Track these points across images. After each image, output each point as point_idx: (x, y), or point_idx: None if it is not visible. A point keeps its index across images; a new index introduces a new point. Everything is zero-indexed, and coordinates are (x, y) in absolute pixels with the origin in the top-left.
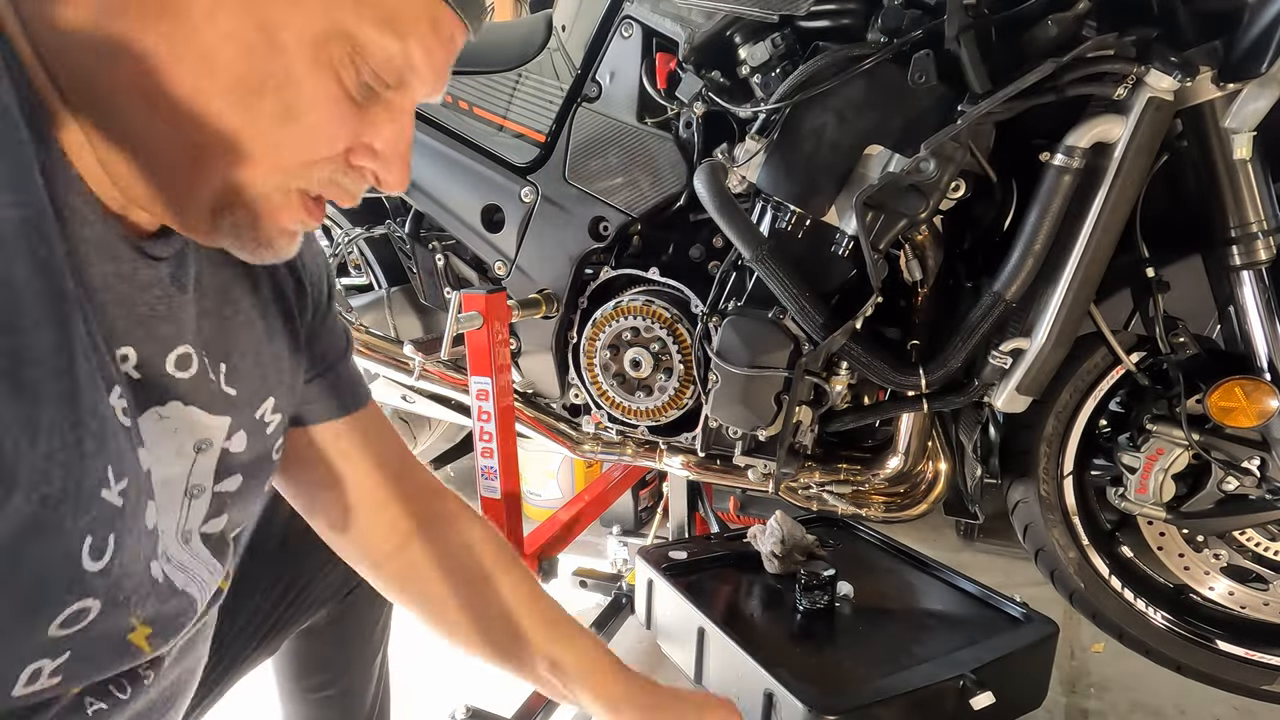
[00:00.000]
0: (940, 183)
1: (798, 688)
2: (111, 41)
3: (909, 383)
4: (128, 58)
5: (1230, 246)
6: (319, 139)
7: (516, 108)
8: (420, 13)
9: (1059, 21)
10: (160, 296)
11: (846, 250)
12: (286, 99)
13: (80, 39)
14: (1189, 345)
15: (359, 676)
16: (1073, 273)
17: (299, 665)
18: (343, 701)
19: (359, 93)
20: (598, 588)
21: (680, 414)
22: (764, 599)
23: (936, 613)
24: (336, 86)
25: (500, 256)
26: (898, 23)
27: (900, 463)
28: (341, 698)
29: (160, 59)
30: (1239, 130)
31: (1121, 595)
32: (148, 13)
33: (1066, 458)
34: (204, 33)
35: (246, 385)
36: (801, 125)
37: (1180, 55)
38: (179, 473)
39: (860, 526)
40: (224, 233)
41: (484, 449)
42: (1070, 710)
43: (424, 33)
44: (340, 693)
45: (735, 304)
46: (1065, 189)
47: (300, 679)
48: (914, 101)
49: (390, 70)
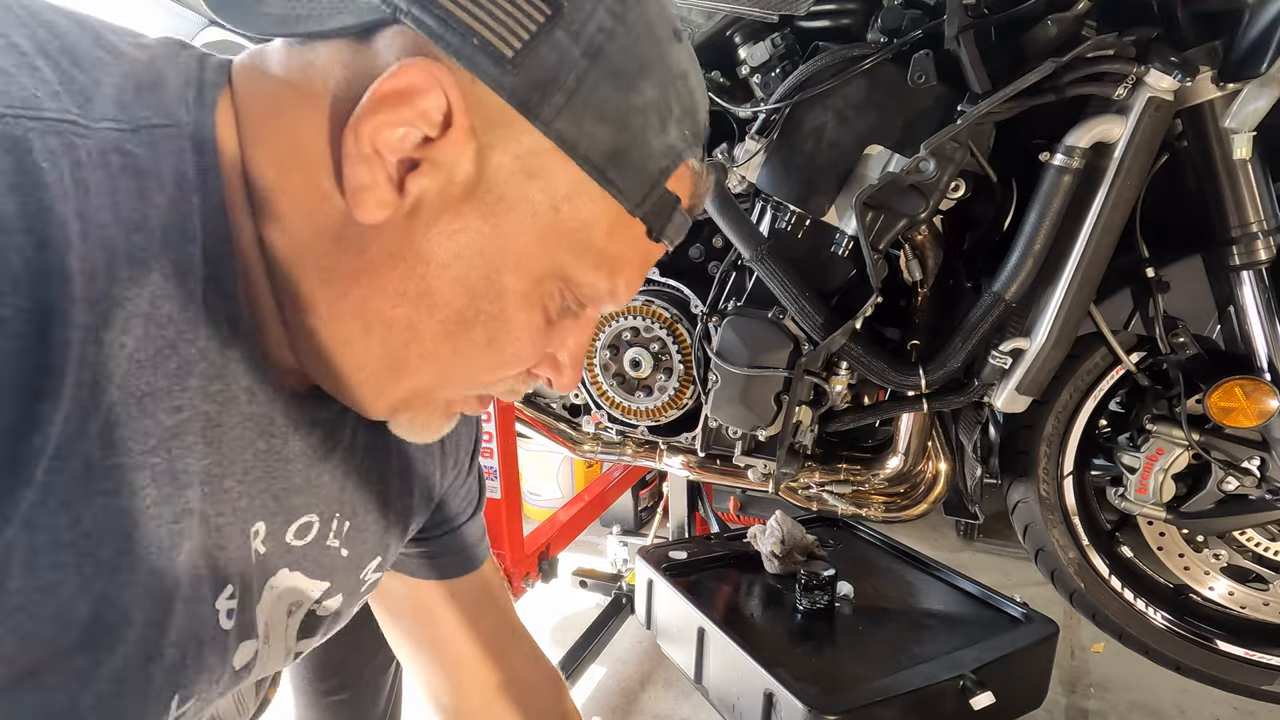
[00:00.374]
0: (940, 183)
1: (798, 688)
2: (342, 273)
3: (909, 383)
4: (351, 291)
5: (1230, 246)
6: (514, 362)
7: None
8: (636, 253)
9: (1059, 21)
10: (302, 469)
11: (846, 250)
12: (494, 331)
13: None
14: (1189, 345)
15: (373, 682)
16: (1073, 273)
17: (314, 669)
18: (356, 705)
19: (557, 315)
20: (598, 588)
21: (680, 414)
22: (764, 599)
23: (936, 613)
24: (541, 317)
25: None
26: (898, 23)
27: (900, 463)
28: (355, 702)
29: (383, 294)
30: (1239, 130)
31: (1121, 595)
32: (384, 254)
33: (1066, 458)
34: (435, 277)
35: (361, 545)
36: (801, 125)
37: (1180, 55)
38: (280, 641)
39: (860, 526)
40: (396, 422)
41: (484, 449)
42: (1070, 710)
43: (635, 268)
44: (354, 697)
45: (735, 304)
46: (1065, 189)
47: (316, 682)
48: (914, 101)
49: (593, 298)
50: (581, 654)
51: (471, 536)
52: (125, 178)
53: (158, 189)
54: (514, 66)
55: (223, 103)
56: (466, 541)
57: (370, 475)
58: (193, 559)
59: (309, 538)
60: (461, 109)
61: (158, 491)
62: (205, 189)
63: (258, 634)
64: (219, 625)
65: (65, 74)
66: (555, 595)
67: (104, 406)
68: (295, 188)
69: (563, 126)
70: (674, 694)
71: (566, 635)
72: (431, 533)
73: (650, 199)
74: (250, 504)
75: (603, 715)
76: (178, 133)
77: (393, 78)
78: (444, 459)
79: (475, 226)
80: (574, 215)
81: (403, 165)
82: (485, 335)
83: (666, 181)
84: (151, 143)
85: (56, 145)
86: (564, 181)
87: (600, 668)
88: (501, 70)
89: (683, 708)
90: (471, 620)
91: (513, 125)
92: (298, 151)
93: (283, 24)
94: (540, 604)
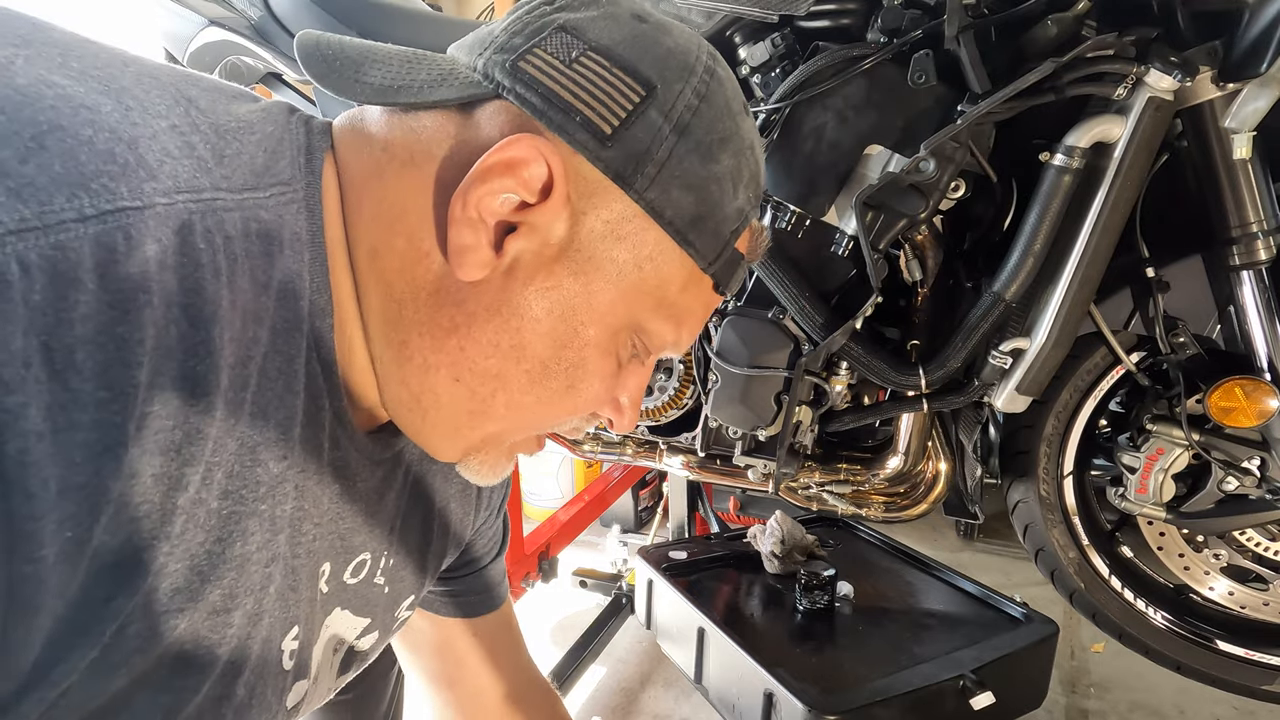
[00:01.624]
0: (940, 183)
1: (798, 688)
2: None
3: (909, 383)
4: (451, 340)
5: (1230, 246)
6: (586, 407)
7: None
8: (701, 305)
9: (1059, 21)
10: (363, 508)
11: (846, 250)
12: (572, 378)
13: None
14: (1189, 345)
15: (374, 683)
16: (1073, 273)
17: None
18: (359, 706)
19: (625, 361)
20: (598, 588)
21: (680, 414)
22: (764, 599)
23: (936, 613)
24: (614, 364)
25: None
26: (898, 23)
27: (900, 463)
28: (356, 703)
29: (478, 346)
30: (1239, 130)
31: (1121, 595)
32: (481, 309)
33: (1066, 458)
34: (529, 330)
35: (400, 583)
36: (801, 125)
37: (1180, 55)
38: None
39: (860, 526)
40: (468, 466)
41: None
42: (1070, 710)
43: (697, 320)
44: (358, 698)
45: (735, 304)
46: (1065, 189)
47: None
48: (914, 101)
49: (660, 347)
50: (581, 654)
51: (495, 576)
52: (259, 242)
53: (279, 249)
54: (612, 142)
55: (328, 165)
56: (491, 581)
57: (415, 515)
58: (272, 602)
59: (361, 576)
60: (562, 178)
61: (260, 538)
62: (314, 247)
63: (310, 674)
64: (281, 666)
65: (215, 149)
66: (555, 595)
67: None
68: (398, 247)
69: (653, 196)
70: (674, 694)
71: (566, 635)
72: (458, 571)
73: (722, 258)
74: (321, 545)
75: (603, 715)
76: (294, 195)
77: (501, 150)
78: (479, 501)
79: (566, 284)
80: (655, 274)
81: (500, 227)
82: (565, 383)
83: (736, 241)
84: (277, 205)
85: (212, 224)
86: (649, 244)
87: (600, 668)
88: (601, 145)
89: (683, 708)
90: (491, 657)
91: (607, 193)
92: (402, 214)
93: (383, 94)
94: (540, 604)
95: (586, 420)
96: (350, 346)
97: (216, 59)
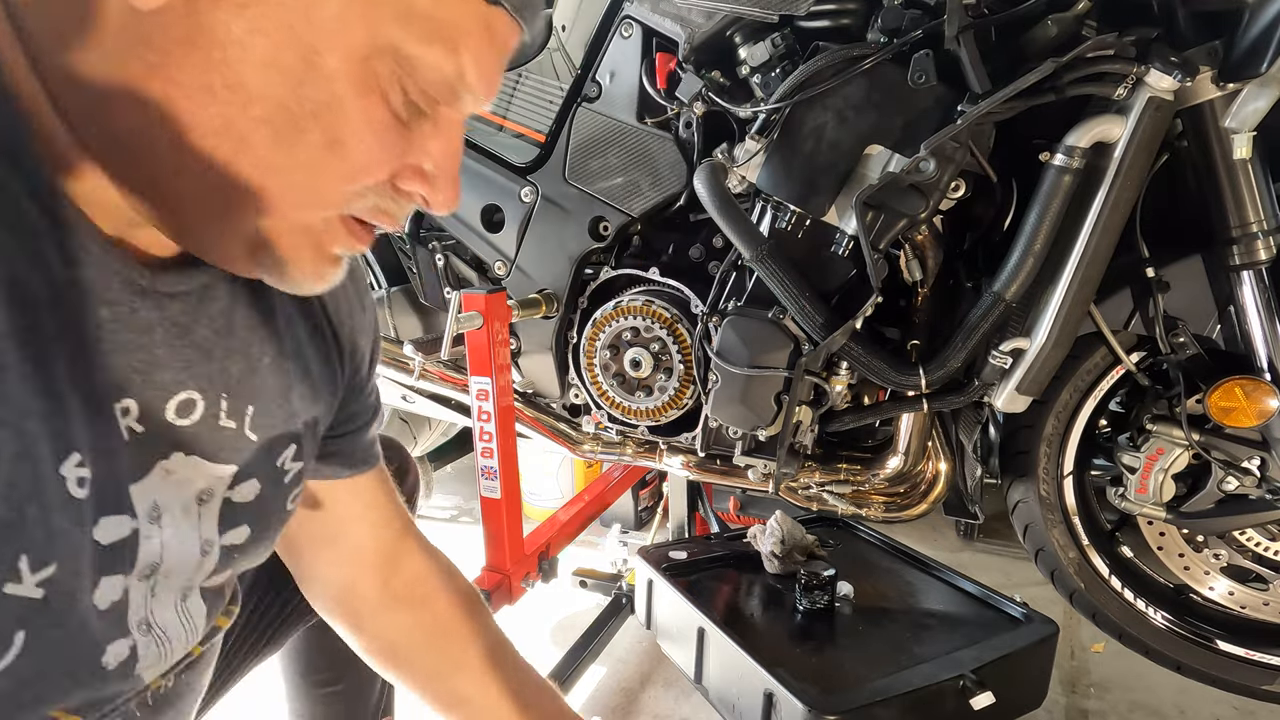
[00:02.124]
0: (940, 183)
1: (798, 688)
2: (132, 80)
3: (909, 383)
4: (151, 95)
5: (1230, 246)
6: (364, 167)
7: (517, 107)
8: (473, 21)
9: (1059, 21)
10: (161, 339)
11: (846, 250)
12: (329, 127)
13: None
14: (1189, 345)
15: (365, 674)
16: (1073, 273)
17: (306, 661)
18: (348, 698)
19: (406, 113)
20: (598, 588)
21: (680, 414)
22: (764, 599)
23: (936, 613)
24: (383, 109)
25: (500, 256)
26: (898, 23)
27: (900, 463)
28: (347, 694)
29: (188, 94)
30: (1239, 130)
31: (1121, 595)
32: (173, 44)
33: (1066, 458)
34: (239, 62)
35: (270, 431)
36: (801, 125)
37: (1180, 55)
38: (189, 530)
39: (860, 526)
40: (265, 267)
41: (484, 449)
42: (1070, 710)
43: (476, 42)
44: (346, 689)
45: (735, 304)
46: (1065, 189)
47: (307, 675)
48: (914, 101)
49: (440, 86)
50: (581, 654)
51: (371, 437)
52: None
53: None
54: None
55: None
56: (367, 441)
57: (261, 359)
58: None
59: (194, 416)
60: None
61: None
62: None
63: (134, 513)
64: (68, 492)
65: None
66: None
67: None
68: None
69: None
70: (674, 694)
71: (566, 635)
72: (335, 431)
73: None
74: (103, 376)
75: (603, 715)
76: None
77: None
78: (342, 356)
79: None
80: None
81: None
82: (322, 134)
83: None
84: None
85: None
86: None
87: (600, 668)
88: None
89: (683, 708)
90: (371, 514)
91: None
92: None
93: None
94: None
95: (389, 196)
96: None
97: None
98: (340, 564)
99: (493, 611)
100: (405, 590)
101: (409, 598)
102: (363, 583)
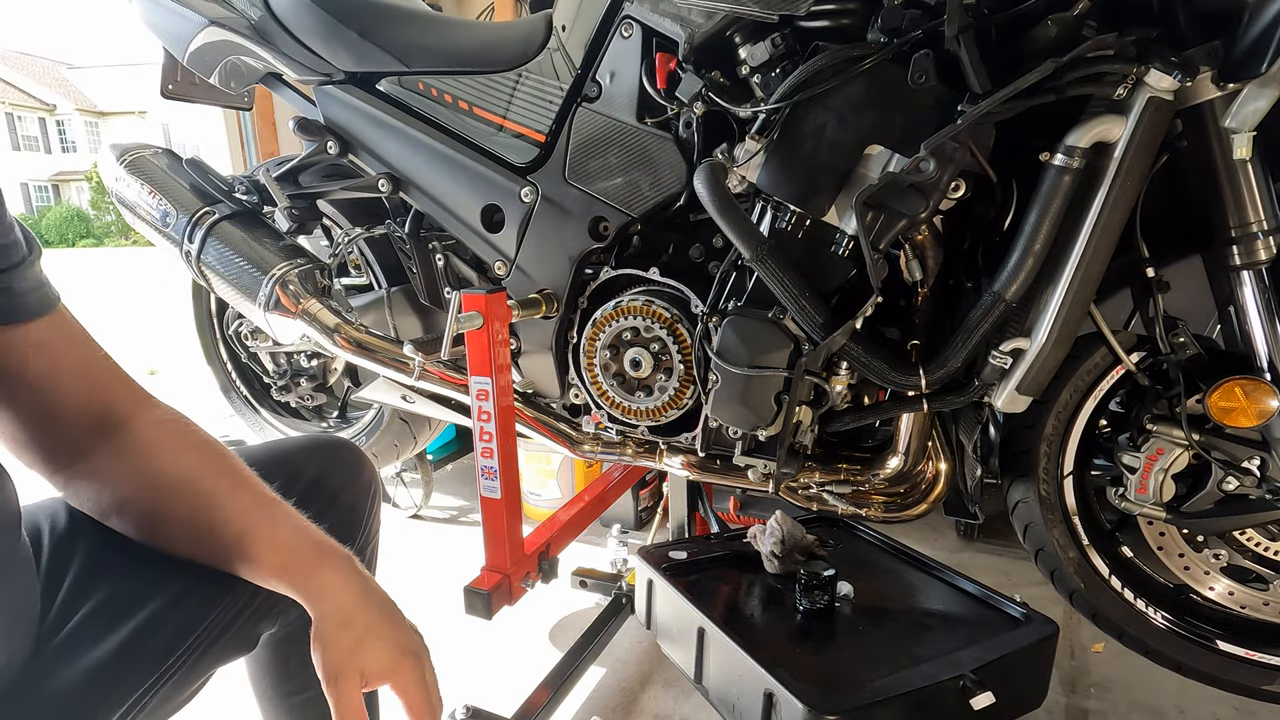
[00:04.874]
0: (940, 183)
1: (798, 688)
2: None
3: (909, 383)
4: None
5: (1230, 246)
6: None
7: (516, 108)
8: None
9: (1059, 21)
10: None
11: (846, 250)
12: None
13: None
14: (1189, 345)
15: None
16: (1073, 273)
17: (275, 671)
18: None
19: None
20: (598, 588)
21: (680, 414)
22: (764, 599)
23: (936, 613)
24: None
25: (500, 256)
26: (898, 23)
27: (900, 463)
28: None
29: None
30: (1239, 130)
31: (1121, 595)
32: None
33: (1066, 458)
34: None
35: None
36: (801, 125)
37: (1180, 55)
38: None
39: (860, 526)
40: None
41: (484, 449)
42: (1070, 710)
43: None
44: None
45: (735, 304)
46: (1065, 189)
47: (279, 683)
48: (914, 101)
49: None
50: (581, 654)
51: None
52: None
53: None
54: None
55: None
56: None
57: None
58: None
59: None
60: None
61: None
62: None
63: None
64: None
65: None
66: (555, 595)
67: None
68: None
69: None
70: (674, 694)
71: (566, 635)
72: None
73: None
74: None
75: (603, 715)
76: None
77: None
78: None
79: None
80: None
81: None
82: None
83: None
84: None
85: None
86: None
87: (600, 668)
88: None
89: (683, 708)
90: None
91: None
92: None
93: None
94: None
95: None
96: None
97: (217, 59)
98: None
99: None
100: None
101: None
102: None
